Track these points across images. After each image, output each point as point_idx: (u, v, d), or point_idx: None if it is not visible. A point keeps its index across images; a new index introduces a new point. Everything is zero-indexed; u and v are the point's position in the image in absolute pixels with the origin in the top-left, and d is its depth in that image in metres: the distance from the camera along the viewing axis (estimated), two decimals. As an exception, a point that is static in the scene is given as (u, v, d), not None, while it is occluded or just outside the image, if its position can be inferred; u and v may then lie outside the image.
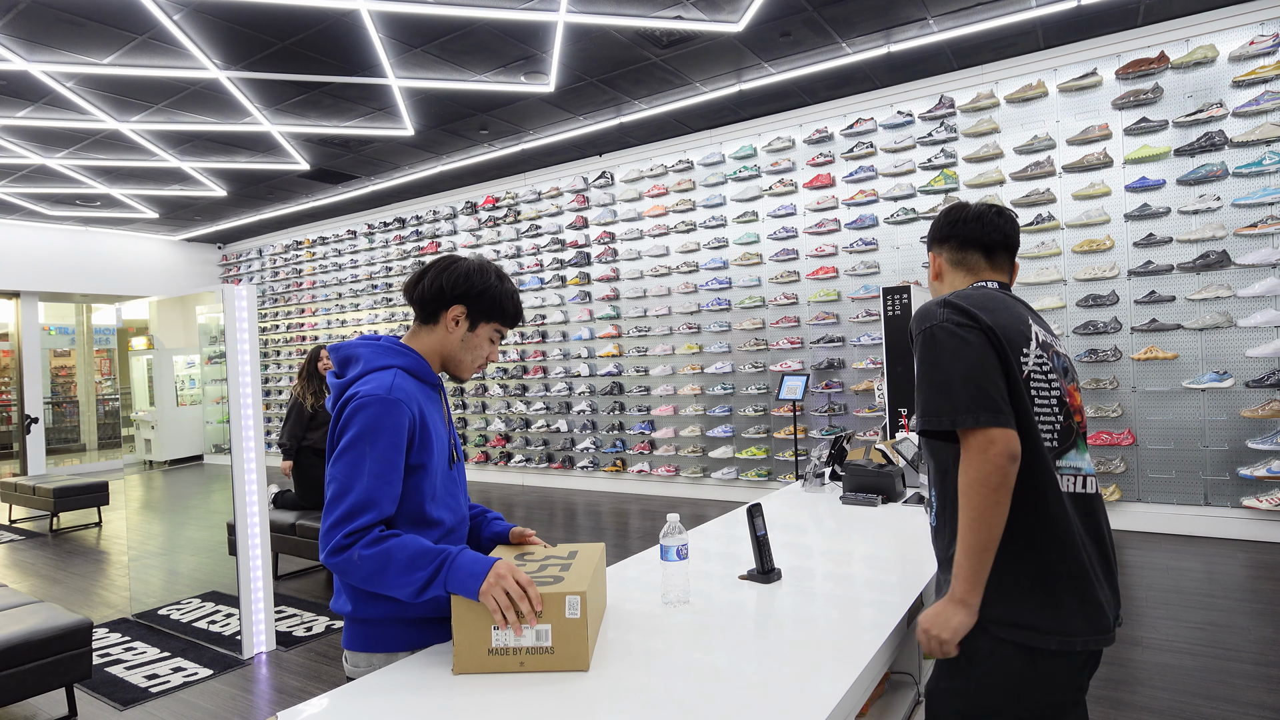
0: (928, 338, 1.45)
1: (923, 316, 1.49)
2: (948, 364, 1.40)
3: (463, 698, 1.27)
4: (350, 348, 1.58)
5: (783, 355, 7.06)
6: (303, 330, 11.63)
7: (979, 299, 1.49)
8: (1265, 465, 4.95)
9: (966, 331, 1.42)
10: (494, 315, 1.62)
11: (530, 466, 8.80)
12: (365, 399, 1.44)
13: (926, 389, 1.43)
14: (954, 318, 1.43)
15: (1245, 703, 2.92)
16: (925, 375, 1.44)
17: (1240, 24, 5.12)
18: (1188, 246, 5.28)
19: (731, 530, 2.35)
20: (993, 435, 1.32)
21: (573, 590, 1.33)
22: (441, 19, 4.92)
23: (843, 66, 5.96)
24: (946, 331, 1.42)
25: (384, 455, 1.42)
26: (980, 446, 1.33)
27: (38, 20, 4.73)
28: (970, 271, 1.64)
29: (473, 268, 1.60)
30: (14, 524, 7.99)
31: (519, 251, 8.94)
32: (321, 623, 4.34)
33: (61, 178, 8.35)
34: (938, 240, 1.69)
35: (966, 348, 1.40)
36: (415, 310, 1.63)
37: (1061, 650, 1.33)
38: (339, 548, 1.37)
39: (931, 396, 1.41)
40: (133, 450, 8.71)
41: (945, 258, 1.68)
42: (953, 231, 1.66)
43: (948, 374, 1.39)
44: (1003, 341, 1.41)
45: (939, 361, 1.41)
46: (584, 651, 1.32)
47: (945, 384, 1.39)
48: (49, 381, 12.87)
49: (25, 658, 3.01)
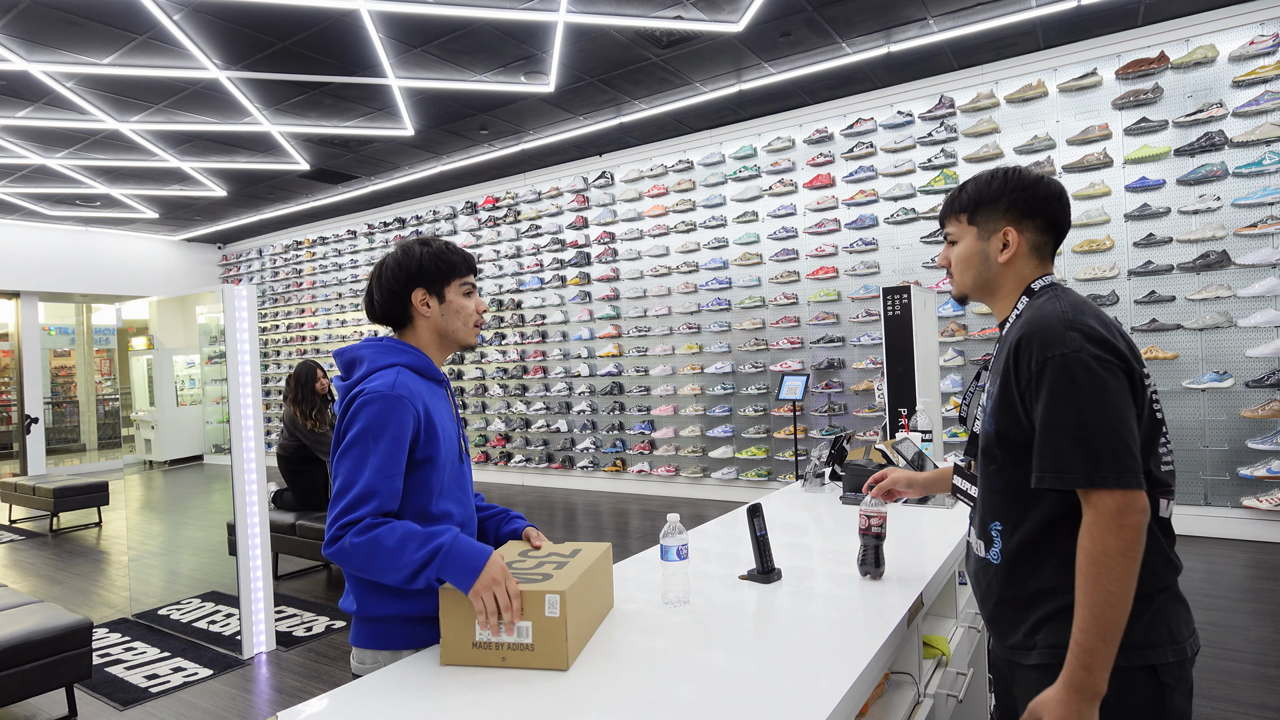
0: (1060, 370, 1.20)
1: (1048, 338, 1.23)
2: (1084, 408, 1.18)
3: (463, 697, 1.27)
4: (354, 350, 1.60)
5: (783, 355, 7.06)
6: (303, 330, 11.63)
7: (1096, 313, 1.26)
8: (1265, 465, 4.95)
9: (1107, 369, 1.20)
10: (447, 274, 1.62)
11: (530, 466, 8.80)
12: (369, 396, 1.47)
13: (1058, 436, 1.19)
14: (1092, 349, 1.20)
15: (1245, 703, 2.92)
16: (1055, 418, 1.20)
17: (1240, 24, 5.12)
18: (1188, 246, 5.28)
19: (731, 530, 2.35)
20: (1131, 499, 1.15)
21: (553, 590, 1.34)
22: (441, 19, 4.92)
23: (843, 66, 5.96)
24: (1084, 366, 1.19)
25: (386, 450, 1.44)
26: (1117, 512, 1.15)
27: (38, 20, 4.73)
28: (1042, 261, 1.41)
29: (398, 257, 1.63)
30: (14, 524, 7.99)
31: (519, 251, 8.95)
32: (321, 623, 4.34)
33: (61, 178, 8.35)
34: (1022, 212, 1.38)
35: (1106, 390, 1.18)
36: (390, 326, 1.66)
37: (1178, 660, 1.22)
38: (334, 538, 1.40)
39: (1065, 447, 1.18)
40: (133, 450, 8.71)
41: (1028, 238, 1.39)
42: (1043, 207, 1.38)
43: (1085, 421, 1.17)
44: (1136, 374, 1.23)
45: (1073, 403, 1.18)
46: (563, 650, 1.33)
47: (1082, 434, 1.17)
48: (49, 381, 12.87)
49: (25, 658, 3.01)
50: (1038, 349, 1.24)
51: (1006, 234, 1.39)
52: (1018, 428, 1.28)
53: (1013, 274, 1.41)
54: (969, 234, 1.43)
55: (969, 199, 1.43)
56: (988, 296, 1.46)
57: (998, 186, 1.39)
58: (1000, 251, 1.40)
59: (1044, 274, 1.40)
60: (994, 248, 1.40)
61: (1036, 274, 1.40)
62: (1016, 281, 1.41)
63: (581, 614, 1.41)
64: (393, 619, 1.50)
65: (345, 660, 3.71)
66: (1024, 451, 1.27)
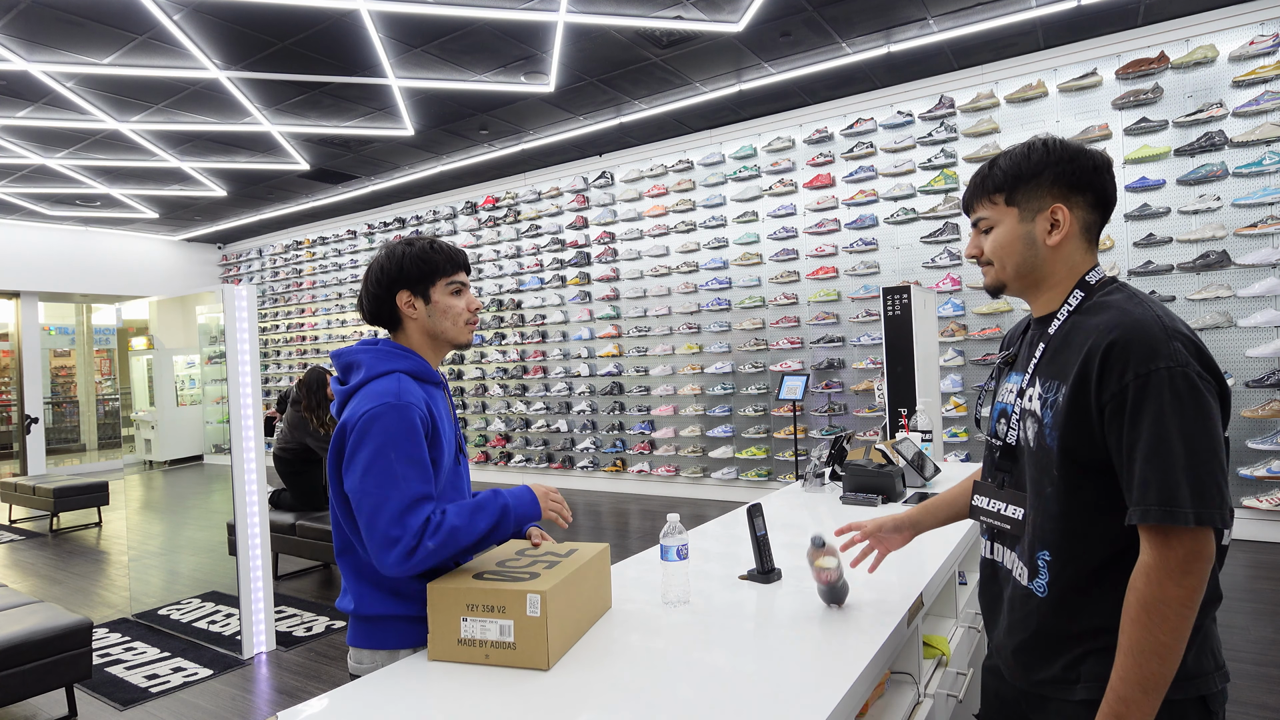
0: (1168, 387, 1.04)
1: (1151, 347, 1.05)
2: (1193, 435, 1.03)
3: (464, 697, 1.27)
4: (351, 354, 1.58)
5: (783, 355, 7.05)
6: (303, 330, 11.63)
7: (1181, 321, 1.12)
8: (1265, 465, 4.95)
9: (1208, 390, 1.05)
10: (431, 275, 1.59)
11: (530, 466, 8.80)
12: (378, 410, 1.44)
13: (1165, 465, 1.02)
14: (1195, 365, 1.05)
15: (1245, 703, 2.92)
16: (1161, 443, 1.03)
17: (1240, 24, 5.12)
18: (1188, 246, 5.28)
19: (731, 530, 2.35)
20: (1207, 542, 1.02)
21: (535, 589, 1.34)
22: (441, 19, 4.92)
23: (843, 66, 5.96)
24: (1190, 385, 1.04)
25: (411, 456, 1.43)
26: (1193, 555, 1.01)
27: (38, 20, 4.73)
28: (1091, 247, 1.23)
29: (381, 259, 1.61)
30: (14, 524, 7.99)
31: (519, 251, 8.95)
32: (321, 623, 4.34)
33: (61, 178, 8.35)
34: (1070, 186, 1.20)
35: (1210, 415, 1.04)
36: (384, 329, 1.65)
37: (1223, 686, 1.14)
38: (410, 549, 1.37)
39: (1173, 478, 1.02)
40: (133, 450, 8.71)
41: (1080, 217, 1.21)
42: (1093, 179, 1.20)
43: (1194, 449, 1.02)
44: (1228, 394, 1.10)
45: (1183, 427, 1.03)
46: (543, 650, 1.33)
47: (1191, 463, 1.02)
48: (49, 381, 12.87)
49: (25, 658, 3.01)
50: (1137, 359, 1.05)
51: (1055, 212, 1.20)
52: (1090, 445, 1.11)
53: (1063, 260, 1.22)
54: (1008, 216, 1.24)
55: (1005, 175, 1.23)
56: (1031, 288, 1.27)
57: (1038, 158, 1.21)
58: (1049, 233, 1.21)
59: (1095, 264, 1.24)
60: (1040, 229, 1.21)
61: (1088, 263, 1.23)
62: (1067, 270, 1.23)
63: (567, 614, 1.41)
64: (390, 618, 1.50)
65: (345, 660, 3.70)
66: (1095, 475, 1.12)
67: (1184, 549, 1.01)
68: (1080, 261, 1.23)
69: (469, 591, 1.38)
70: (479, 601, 1.37)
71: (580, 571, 1.49)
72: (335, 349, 1.63)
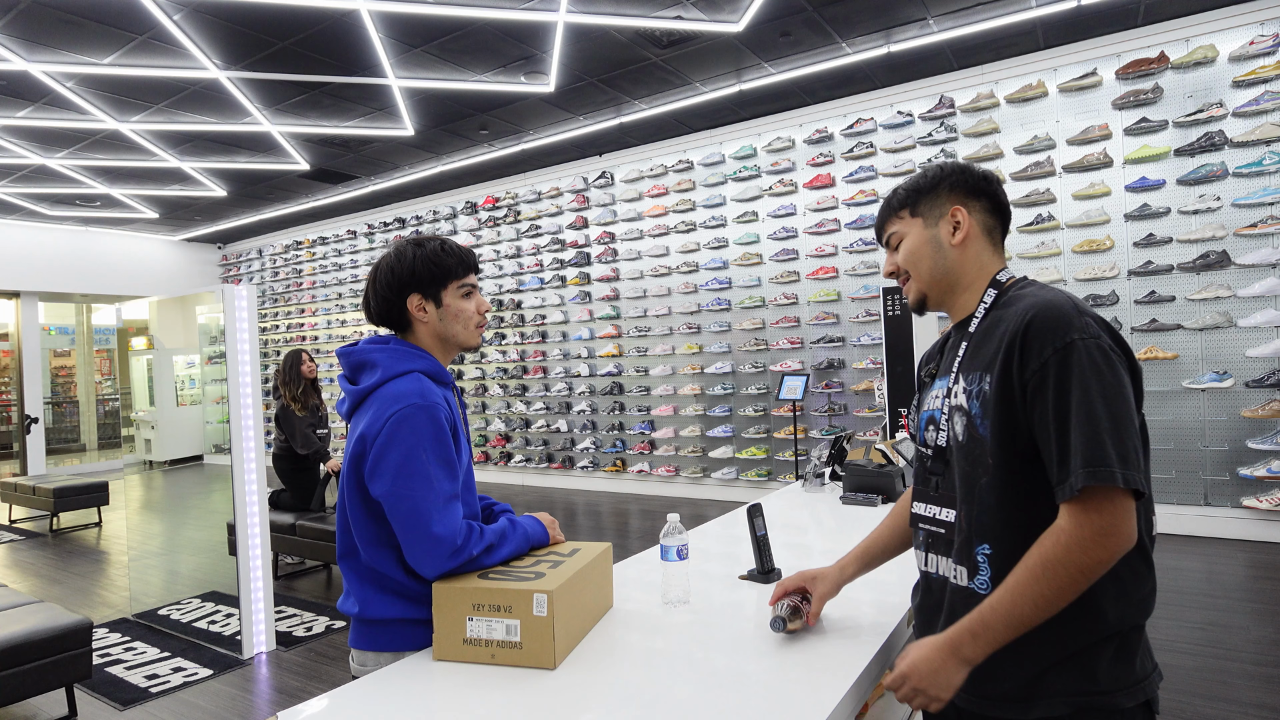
0: (1084, 356, 1.07)
1: (1063, 321, 1.09)
2: (1111, 400, 1.05)
3: (465, 696, 1.27)
4: (364, 353, 1.55)
5: (783, 355, 7.05)
6: (303, 330, 11.63)
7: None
8: (1265, 465, 4.95)
9: (1117, 360, 1.09)
10: (441, 278, 1.57)
11: (530, 466, 8.80)
12: (406, 411, 1.42)
13: (1089, 427, 1.04)
14: (1103, 336, 1.09)
15: (1245, 703, 2.92)
16: (1083, 408, 1.04)
17: (1240, 24, 5.12)
18: (1188, 246, 5.28)
19: (731, 530, 2.35)
20: (1129, 512, 1.03)
21: (542, 589, 1.34)
22: (441, 19, 4.92)
23: (843, 66, 5.96)
24: (1105, 354, 1.07)
25: (442, 456, 1.43)
26: (1111, 528, 1.02)
27: (38, 20, 4.73)
28: (995, 249, 1.30)
29: (391, 261, 1.58)
30: (14, 524, 7.99)
31: (519, 251, 8.95)
32: (321, 623, 4.34)
33: (61, 178, 8.35)
34: (966, 192, 1.29)
35: (1125, 384, 1.07)
36: (392, 328, 1.62)
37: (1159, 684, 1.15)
38: (454, 551, 1.41)
39: (1098, 439, 1.03)
40: (133, 450, 8.71)
41: (979, 219, 1.28)
42: (985, 186, 1.29)
43: (1114, 413, 1.04)
44: (1138, 371, 1.13)
45: (1102, 392, 1.05)
46: (549, 649, 1.33)
47: (1112, 427, 1.04)
48: (49, 381, 12.87)
49: (25, 658, 3.01)
50: (1053, 335, 1.09)
51: (955, 213, 1.27)
52: (1020, 430, 1.13)
53: (972, 260, 1.28)
54: (914, 225, 1.31)
55: (907, 192, 1.33)
56: (948, 293, 1.31)
57: (934, 173, 1.31)
58: (953, 235, 1.28)
59: (1003, 265, 1.29)
60: (944, 232, 1.28)
61: (997, 264, 1.29)
62: (978, 269, 1.28)
63: (572, 614, 1.41)
64: (396, 621, 1.49)
65: (345, 660, 3.70)
66: (1028, 461, 1.13)
67: (1104, 519, 1.02)
68: (989, 262, 1.29)
69: (475, 591, 1.38)
70: (485, 601, 1.37)
71: (584, 571, 1.49)
72: (340, 346, 1.60)
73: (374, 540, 1.47)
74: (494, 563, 1.48)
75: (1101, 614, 1.09)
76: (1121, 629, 1.10)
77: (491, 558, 1.48)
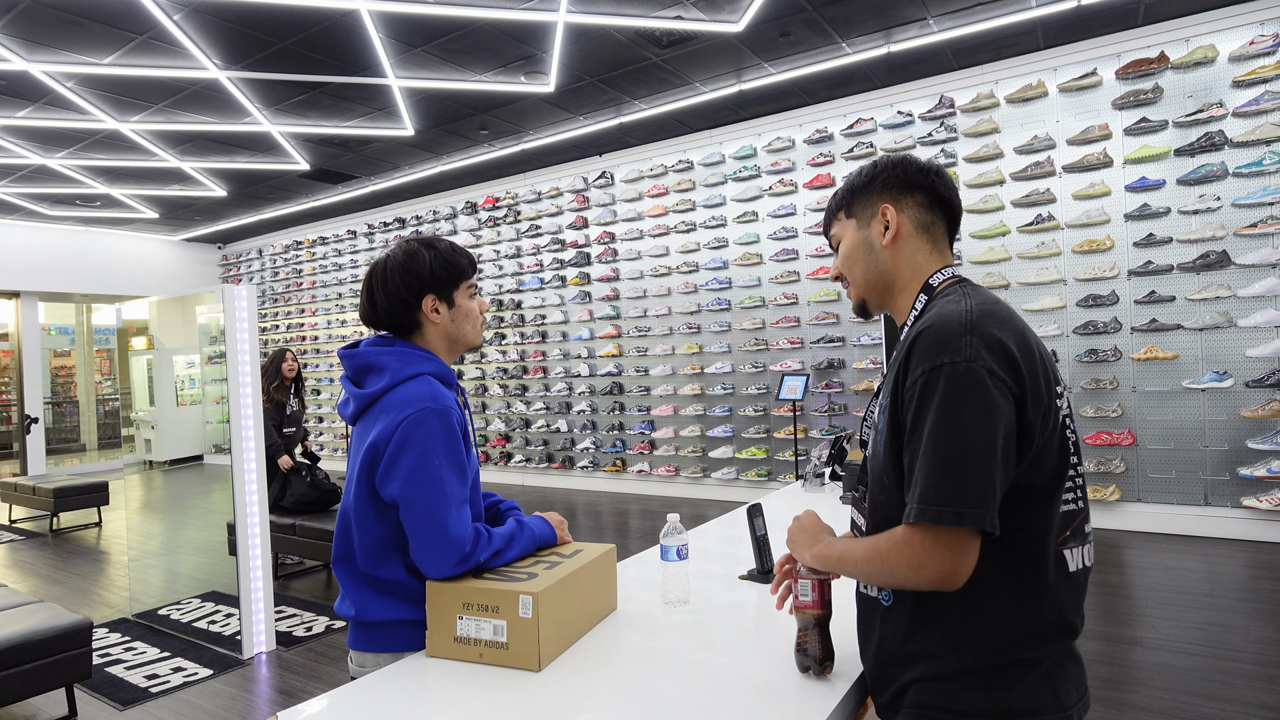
0: (945, 380, 1.01)
1: (942, 340, 1.04)
2: (967, 430, 0.98)
3: (463, 697, 1.27)
4: (368, 356, 1.54)
5: (783, 355, 7.05)
6: (303, 330, 11.63)
7: (1007, 315, 1.08)
8: (1265, 465, 4.95)
9: (1000, 388, 1.00)
10: (456, 278, 1.59)
11: (530, 466, 8.80)
12: (419, 415, 1.42)
13: (938, 461, 0.99)
14: (988, 360, 1.01)
15: (1245, 703, 2.92)
16: (938, 438, 1.00)
17: (1240, 24, 5.12)
18: (1188, 246, 5.28)
19: (731, 530, 2.35)
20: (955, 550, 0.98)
21: (527, 591, 1.35)
22: (441, 19, 4.92)
23: (843, 66, 5.96)
24: (975, 380, 1.00)
25: (453, 461, 1.44)
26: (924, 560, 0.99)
27: (38, 20, 4.73)
28: (935, 247, 1.22)
29: (403, 262, 1.55)
30: (14, 524, 7.99)
31: (519, 251, 8.94)
32: (321, 623, 4.34)
33: (61, 178, 8.35)
34: (897, 188, 1.22)
35: (994, 413, 0.99)
36: (392, 332, 1.59)
37: None
38: (463, 557, 1.42)
39: (943, 475, 0.99)
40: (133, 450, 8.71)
41: (910, 216, 1.21)
42: (919, 179, 1.21)
43: (969, 447, 0.98)
44: (1032, 400, 1.03)
45: (959, 422, 0.99)
46: (534, 651, 1.34)
47: (962, 461, 0.98)
48: (49, 381, 12.87)
49: (25, 658, 3.01)
50: (929, 354, 1.04)
51: (885, 212, 1.21)
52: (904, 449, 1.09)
53: (905, 262, 1.21)
54: (849, 227, 1.27)
55: (844, 193, 1.29)
56: (885, 296, 1.25)
57: (868, 171, 1.25)
58: (882, 235, 1.22)
59: (944, 265, 1.21)
60: (875, 233, 1.22)
61: (934, 265, 1.21)
62: (911, 272, 1.21)
63: (562, 616, 1.41)
64: (395, 623, 1.50)
65: (345, 660, 3.70)
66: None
67: (921, 553, 1.00)
68: (924, 263, 1.21)
69: (466, 590, 1.39)
70: (474, 600, 1.38)
71: (580, 573, 1.49)
72: (341, 348, 1.59)
73: (381, 543, 1.47)
74: (500, 565, 1.49)
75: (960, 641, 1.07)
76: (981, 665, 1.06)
77: (498, 561, 1.49)
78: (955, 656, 1.07)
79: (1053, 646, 1.07)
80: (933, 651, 1.09)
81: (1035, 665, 1.06)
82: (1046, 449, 1.05)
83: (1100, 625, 3.76)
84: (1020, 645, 1.06)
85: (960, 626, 1.07)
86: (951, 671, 1.07)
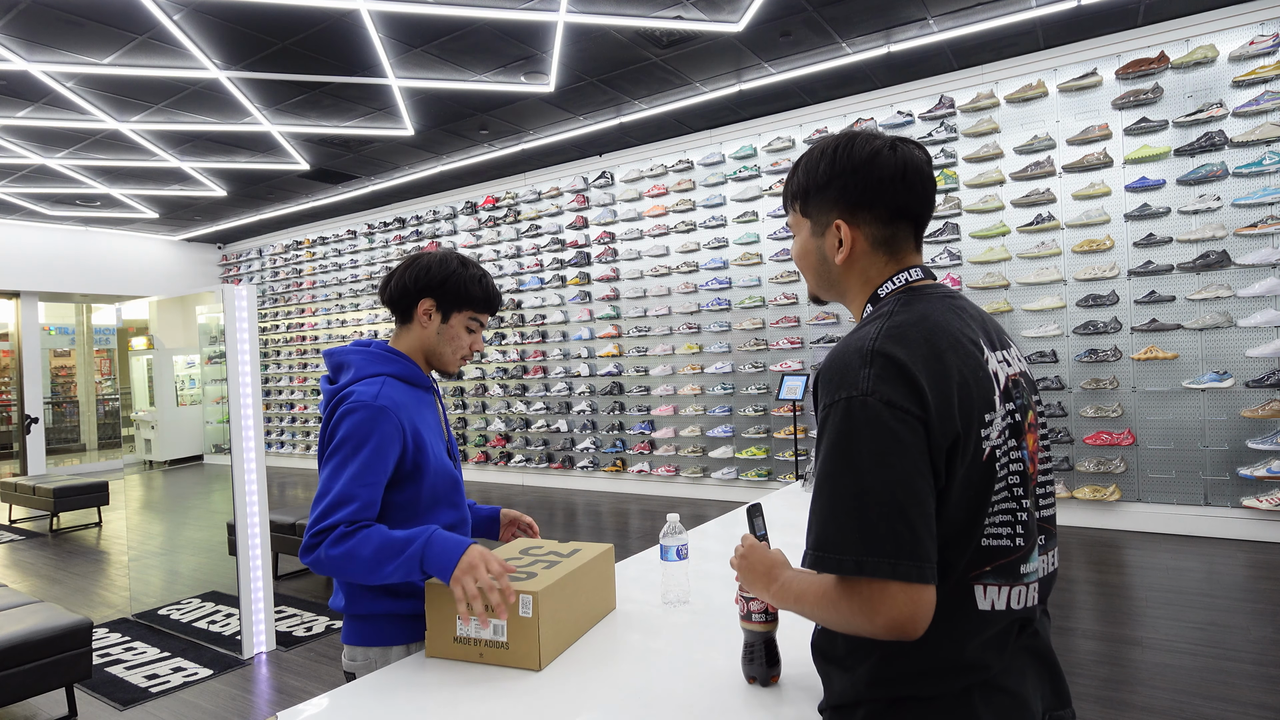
0: (844, 415, 0.94)
1: (841, 375, 0.97)
2: (865, 469, 0.91)
3: (466, 697, 1.27)
4: (343, 354, 1.61)
5: (783, 355, 7.05)
6: (303, 330, 11.63)
7: (921, 337, 0.98)
8: (1265, 465, 4.95)
9: (901, 421, 0.92)
10: (463, 303, 1.62)
11: (530, 466, 8.80)
12: (352, 405, 1.48)
13: (831, 503, 0.93)
14: (888, 393, 0.93)
15: (1245, 703, 2.92)
16: (831, 477, 0.94)
17: (1240, 24, 5.12)
18: (1188, 246, 5.28)
19: (731, 530, 2.35)
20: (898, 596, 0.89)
21: (528, 590, 1.35)
22: (441, 19, 4.92)
23: (843, 66, 5.96)
24: (872, 415, 0.92)
25: (366, 459, 1.45)
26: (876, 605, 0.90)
27: (38, 20, 4.73)
28: (894, 256, 1.11)
29: (434, 259, 1.62)
30: (14, 524, 7.99)
31: (519, 251, 8.94)
32: (321, 623, 4.34)
33: (61, 178, 8.35)
34: (854, 202, 1.09)
35: (896, 449, 0.91)
36: (392, 312, 1.67)
37: None
38: (309, 546, 1.41)
39: (835, 518, 0.93)
40: (133, 450, 8.71)
41: (867, 233, 1.10)
42: (879, 194, 1.07)
43: (862, 486, 0.91)
44: (950, 426, 0.93)
45: (853, 461, 0.92)
46: (534, 651, 1.34)
47: (857, 503, 0.91)
48: (49, 381, 12.88)
49: (25, 658, 3.01)
50: (827, 390, 0.98)
51: (839, 228, 1.10)
52: None
53: (857, 277, 1.13)
54: (803, 227, 1.17)
55: (799, 185, 1.15)
56: (839, 299, 1.20)
57: (825, 169, 1.10)
58: (836, 250, 1.12)
59: (900, 269, 1.11)
60: (829, 245, 1.13)
61: (888, 273, 1.11)
62: (862, 282, 1.13)
63: (562, 615, 1.42)
64: (382, 616, 1.52)
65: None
66: None
67: (869, 594, 0.90)
68: (876, 275, 1.12)
69: None
70: None
71: (579, 572, 1.49)
72: (326, 349, 1.65)
73: None
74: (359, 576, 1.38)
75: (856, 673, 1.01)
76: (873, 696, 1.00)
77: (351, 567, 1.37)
78: (852, 689, 1.02)
79: (948, 684, 0.97)
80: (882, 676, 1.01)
81: (930, 702, 0.97)
82: (964, 481, 0.95)
83: (1100, 625, 3.76)
84: (909, 680, 0.97)
85: (854, 657, 1.02)
86: (849, 702, 1.03)
